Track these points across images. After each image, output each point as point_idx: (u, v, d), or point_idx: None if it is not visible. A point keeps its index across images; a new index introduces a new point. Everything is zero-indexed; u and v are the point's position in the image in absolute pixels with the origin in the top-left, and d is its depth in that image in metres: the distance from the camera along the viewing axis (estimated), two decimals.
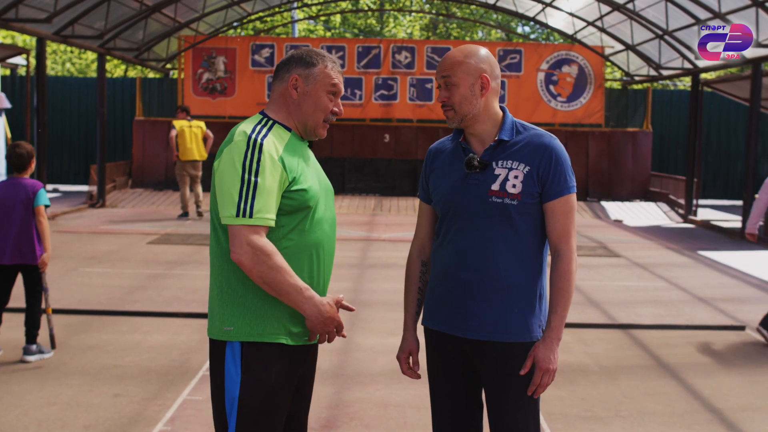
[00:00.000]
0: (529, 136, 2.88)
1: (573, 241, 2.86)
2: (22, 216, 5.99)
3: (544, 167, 2.83)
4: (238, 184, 2.62)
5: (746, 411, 5.27)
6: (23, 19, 13.16)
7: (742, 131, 20.32)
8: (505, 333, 2.84)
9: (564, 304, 2.82)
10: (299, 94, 2.81)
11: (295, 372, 2.81)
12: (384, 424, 4.86)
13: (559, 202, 2.84)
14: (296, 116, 2.83)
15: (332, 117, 2.86)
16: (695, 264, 11.17)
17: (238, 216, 2.61)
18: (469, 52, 2.90)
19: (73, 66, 31.02)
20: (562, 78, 19.58)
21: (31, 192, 6.02)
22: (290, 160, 2.71)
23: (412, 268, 3.10)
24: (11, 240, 5.95)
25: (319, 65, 2.82)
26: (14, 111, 19.40)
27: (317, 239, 2.78)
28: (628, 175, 19.43)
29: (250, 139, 2.66)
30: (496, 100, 2.93)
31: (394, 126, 19.66)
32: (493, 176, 2.84)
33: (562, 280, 2.82)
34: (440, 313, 2.93)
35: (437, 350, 2.98)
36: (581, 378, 5.82)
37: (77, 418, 4.81)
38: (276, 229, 2.69)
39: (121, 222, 14.10)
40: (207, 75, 19.42)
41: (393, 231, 13.85)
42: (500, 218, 2.82)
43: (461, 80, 2.85)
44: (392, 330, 6.98)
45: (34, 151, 6.22)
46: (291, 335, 2.75)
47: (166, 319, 7.21)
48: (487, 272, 2.83)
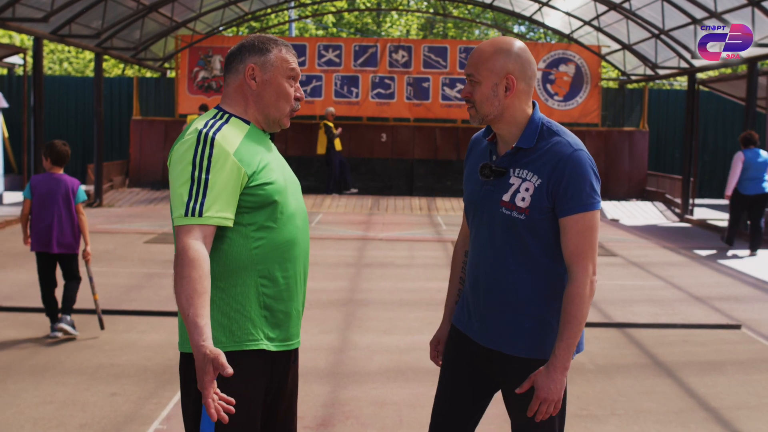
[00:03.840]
0: (550, 144, 2.64)
1: (590, 263, 2.60)
2: (63, 210, 6.49)
3: (556, 180, 2.59)
4: (188, 183, 2.44)
5: (741, 409, 5.28)
6: (20, 18, 13.15)
7: (739, 131, 20.32)
8: (515, 347, 2.71)
9: (571, 331, 2.58)
10: (258, 83, 2.63)
11: (274, 379, 2.65)
12: (380, 422, 4.86)
13: (572, 219, 2.59)
14: (257, 108, 2.65)
15: (297, 105, 2.69)
16: (691, 263, 11.18)
17: (187, 215, 2.42)
18: (499, 48, 2.66)
19: (71, 65, 30.98)
20: (559, 77, 19.60)
21: (71, 188, 6.55)
22: (249, 155, 2.53)
23: (455, 257, 3.04)
24: (54, 231, 6.45)
25: (274, 50, 2.65)
26: (11, 110, 19.41)
27: (291, 236, 2.62)
28: (624, 174, 19.47)
29: (201, 133, 2.48)
30: (525, 101, 2.69)
31: (391, 125, 19.67)
32: (507, 185, 2.67)
33: (572, 305, 2.59)
34: (463, 315, 2.87)
35: (453, 348, 2.91)
36: (577, 376, 5.82)
37: (73, 417, 4.81)
38: (242, 228, 2.53)
39: (118, 221, 14.10)
40: (203, 73, 19.43)
41: (389, 230, 13.85)
42: (510, 231, 2.67)
43: (484, 79, 2.65)
44: (388, 329, 6.99)
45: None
46: (270, 340, 2.58)
47: (162, 318, 7.21)
48: (497, 284, 2.71)
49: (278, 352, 2.63)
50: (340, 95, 19.48)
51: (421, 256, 11.13)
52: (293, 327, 2.67)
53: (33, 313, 7.25)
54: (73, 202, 6.53)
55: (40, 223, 6.47)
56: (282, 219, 2.59)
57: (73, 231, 6.53)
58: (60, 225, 6.47)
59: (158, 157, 19.16)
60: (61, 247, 6.49)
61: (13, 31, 14.45)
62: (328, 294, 8.20)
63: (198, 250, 2.40)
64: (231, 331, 2.53)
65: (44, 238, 6.46)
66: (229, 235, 2.53)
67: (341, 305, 7.76)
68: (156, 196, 17.93)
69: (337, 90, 19.46)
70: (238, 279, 2.54)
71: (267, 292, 2.58)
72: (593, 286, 2.62)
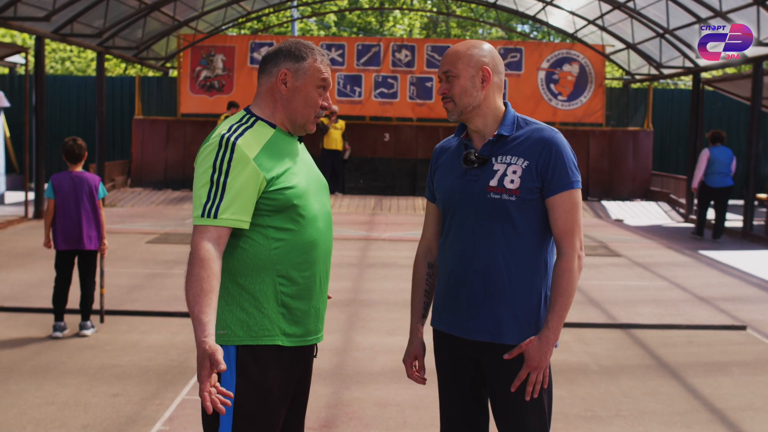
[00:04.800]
0: (529, 131, 2.80)
1: (577, 239, 2.75)
2: (89, 206, 6.65)
3: (544, 161, 2.74)
4: (208, 185, 2.56)
5: (747, 411, 5.24)
6: (22, 17, 13.12)
7: (743, 130, 20.30)
8: (507, 335, 2.76)
9: (563, 304, 2.72)
10: (288, 89, 2.72)
11: (293, 374, 2.74)
12: (383, 423, 4.84)
13: (561, 197, 2.74)
14: (284, 112, 2.73)
15: (321, 112, 2.77)
16: (696, 263, 11.14)
17: (203, 216, 2.55)
18: (472, 44, 2.84)
19: (73, 65, 30.99)
20: (563, 77, 19.55)
21: (94, 185, 6.72)
22: (269, 159, 2.63)
23: (418, 270, 3.05)
24: (84, 228, 6.59)
25: (309, 59, 2.72)
26: (13, 110, 19.39)
27: (311, 238, 2.70)
28: (628, 174, 19.41)
29: (223, 138, 2.59)
30: (498, 95, 2.85)
31: (394, 125, 19.64)
32: (491, 172, 2.77)
33: (562, 279, 2.72)
34: (446, 315, 2.87)
35: (444, 352, 2.92)
36: (581, 377, 5.79)
37: (75, 418, 4.78)
38: (262, 229, 2.63)
39: (120, 221, 14.07)
40: (205, 72, 19.40)
41: (392, 230, 13.82)
42: (499, 215, 2.74)
43: (461, 72, 2.78)
44: (391, 329, 6.96)
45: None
46: (287, 336, 2.68)
47: (164, 319, 7.19)
48: (487, 272, 2.76)
49: (296, 348, 2.72)
50: (343, 94, 19.45)
51: None
52: (311, 324, 2.77)
53: (35, 313, 7.24)
54: (96, 198, 6.70)
55: (67, 221, 6.59)
56: (302, 222, 2.68)
57: (98, 227, 6.71)
58: (88, 222, 6.63)
59: (160, 157, 19.14)
60: (91, 243, 6.64)
61: (15, 31, 14.42)
62: (332, 294, 8.14)
63: (209, 250, 2.53)
64: (249, 326, 2.63)
65: (73, 235, 6.59)
66: (250, 235, 2.64)
67: (344, 306, 7.72)
68: (158, 196, 17.91)
69: (340, 89, 19.42)
70: (258, 277, 2.64)
71: (285, 291, 2.67)
72: (581, 261, 2.77)
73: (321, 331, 2.83)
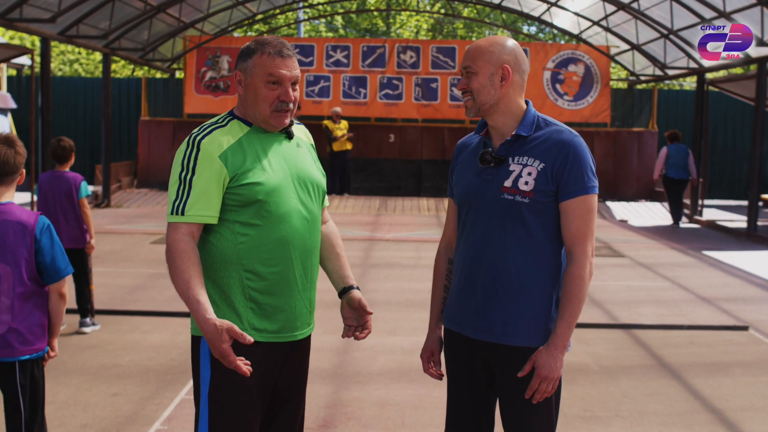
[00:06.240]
0: (549, 132, 2.76)
1: (589, 245, 2.71)
2: (67, 206, 6.67)
3: (560, 164, 2.69)
4: (177, 183, 2.66)
5: (747, 411, 5.24)
6: (27, 18, 13.16)
7: (748, 131, 20.22)
8: (515, 337, 2.74)
9: (572, 311, 2.69)
10: (243, 88, 2.76)
11: (270, 369, 2.74)
12: (382, 423, 4.85)
13: (575, 202, 2.70)
14: (250, 110, 2.76)
15: (283, 105, 2.72)
16: (699, 264, 11.12)
17: (173, 214, 2.64)
18: (495, 41, 2.79)
19: (81, 67, 31.09)
20: (568, 77, 19.53)
21: (74, 184, 6.70)
22: (235, 156, 2.67)
23: (438, 266, 3.04)
24: (62, 227, 6.56)
25: (255, 55, 2.72)
26: (20, 111, 19.47)
27: (280, 234, 2.70)
28: (633, 175, 19.37)
29: (191, 138, 2.68)
30: (519, 94, 2.81)
31: (399, 126, 19.65)
32: (507, 172, 2.74)
33: (572, 285, 2.70)
34: (457, 313, 2.86)
35: (454, 351, 2.90)
36: (581, 378, 5.79)
37: (74, 417, 4.81)
38: (229, 224, 2.68)
39: (126, 222, 14.12)
40: (210, 73, 19.43)
41: (397, 231, 13.83)
42: (512, 216, 2.72)
43: (481, 68, 2.75)
44: (393, 329, 6.97)
45: (74, 145, 6.97)
46: (257, 330, 2.69)
47: (166, 319, 7.21)
48: (498, 272, 2.74)
49: (271, 344, 2.73)
50: (348, 96, 19.46)
51: (427, 257, 11.09)
52: (288, 321, 2.76)
53: None
54: (75, 198, 6.70)
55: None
56: (269, 218, 2.69)
57: (79, 226, 6.71)
58: (67, 220, 6.65)
59: (166, 158, 19.15)
60: (71, 242, 6.62)
61: (22, 32, 14.48)
62: (333, 294, 8.14)
63: (186, 242, 2.61)
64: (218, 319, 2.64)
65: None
66: (218, 230, 2.70)
67: None
68: (164, 197, 17.93)
69: (345, 90, 19.44)
70: (225, 271, 2.69)
71: (252, 286, 2.70)
72: (592, 267, 2.74)
73: (302, 329, 2.81)
